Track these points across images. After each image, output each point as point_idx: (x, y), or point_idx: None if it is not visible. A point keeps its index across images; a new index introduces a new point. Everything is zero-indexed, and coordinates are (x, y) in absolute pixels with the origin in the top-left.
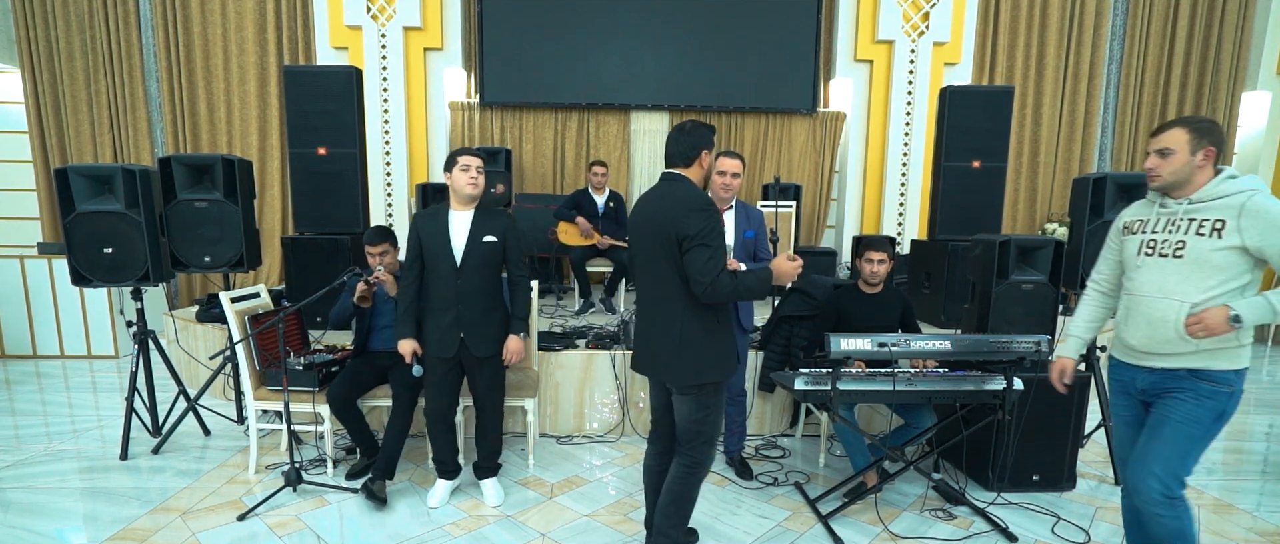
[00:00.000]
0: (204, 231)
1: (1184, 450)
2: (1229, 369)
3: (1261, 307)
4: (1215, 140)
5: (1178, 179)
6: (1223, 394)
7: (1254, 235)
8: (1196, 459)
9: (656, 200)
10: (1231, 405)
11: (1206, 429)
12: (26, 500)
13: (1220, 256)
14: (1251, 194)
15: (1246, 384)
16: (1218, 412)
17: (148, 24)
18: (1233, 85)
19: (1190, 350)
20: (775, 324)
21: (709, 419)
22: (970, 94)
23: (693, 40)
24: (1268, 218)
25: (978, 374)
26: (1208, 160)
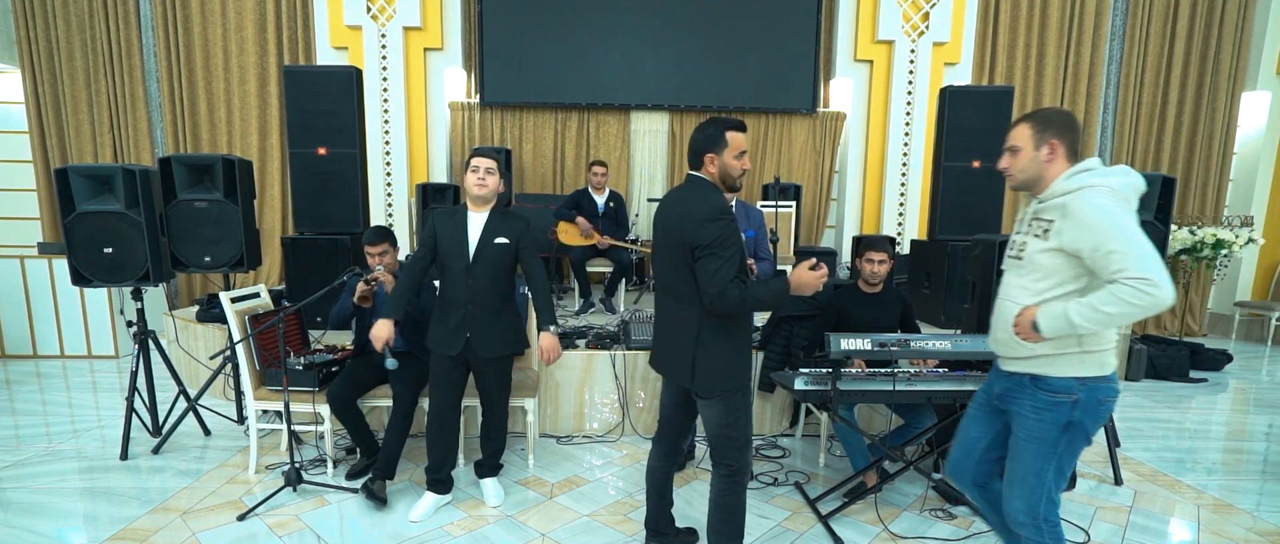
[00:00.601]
0: (204, 231)
1: (1037, 470)
2: (1068, 376)
3: (1058, 317)
4: (1061, 132)
5: (1028, 177)
6: (1063, 404)
7: (1068, 236)
8: (1057, 474)
9: (675, 204)
10: (1081, 415)
11: (1054, 444)
12: (26, 500)
13: (1044, 258)
14: (1078, 192)
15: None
16: (1061, 422)
17: (148, 24)
18: (1233, 85)
19: (1027, 355)
20: (775, 324)
21: (739, 424)
22: (970, 94)
23: (693, 40)
24: (1079, 218)
25: (978, 374)
26: (1055, 154)
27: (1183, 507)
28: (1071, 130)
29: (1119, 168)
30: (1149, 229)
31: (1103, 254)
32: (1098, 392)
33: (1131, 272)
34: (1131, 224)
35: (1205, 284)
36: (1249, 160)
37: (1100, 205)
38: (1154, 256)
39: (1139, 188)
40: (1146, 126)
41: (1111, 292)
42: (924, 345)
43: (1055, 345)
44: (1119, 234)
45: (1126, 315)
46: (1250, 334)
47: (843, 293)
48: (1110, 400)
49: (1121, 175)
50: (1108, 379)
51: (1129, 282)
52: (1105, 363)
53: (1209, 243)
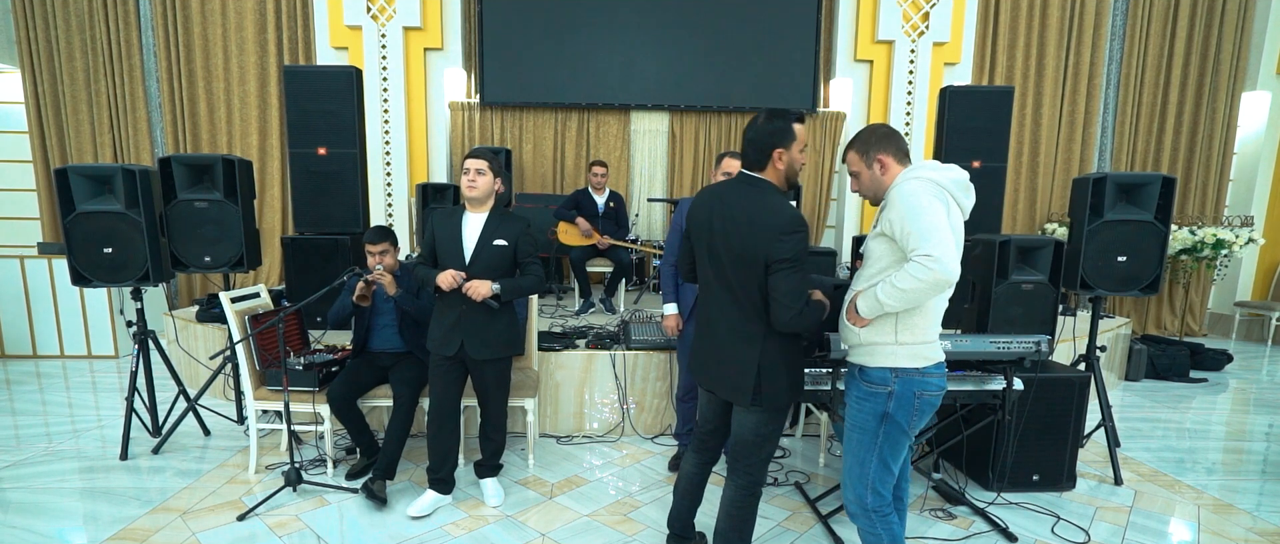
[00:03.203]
0: (204, 231)
1: (861, 459)
2: (883, 366)
3: (869, 297)
4: (885, 146)
5: (874, 192)
6: (878, 395)
7: (888, 222)
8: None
9: (742, 206)
10: (894, 407)
11: (873, 434)
12: (26, 500)
13: (875, 245)
14: (900, 182)
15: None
16: (877, 413)
17: (148, 24)
18: (1233, 85)
19: (855, 343)
20: None
21: (771, 438)
22: (970, 94)
23: (693, 40)
24: (898, 203)
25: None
26: (886, 167)
27: (1183, 507)
28: (893, 140)
29: (947, 165)
30: (1149, 229)
31: (904, 234)
32: (912, 385)
33: (920, 248)
34: (933, 208)
35: (1205, 284)
36: (1249, 160)
37: (911, 191)
38: (942, 235)
39: (960, 181)
40: (1146, 126)
41: (905, 268)
42: None
43: (875, 334)
44: (918, 215)
45: (917, 290)
46: (1250, 334)
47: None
48: (928, 395)
49: (943, 170)
50: (924, 372)
51: (917, 257)
52: (920, 355)
53: (1209, 243)
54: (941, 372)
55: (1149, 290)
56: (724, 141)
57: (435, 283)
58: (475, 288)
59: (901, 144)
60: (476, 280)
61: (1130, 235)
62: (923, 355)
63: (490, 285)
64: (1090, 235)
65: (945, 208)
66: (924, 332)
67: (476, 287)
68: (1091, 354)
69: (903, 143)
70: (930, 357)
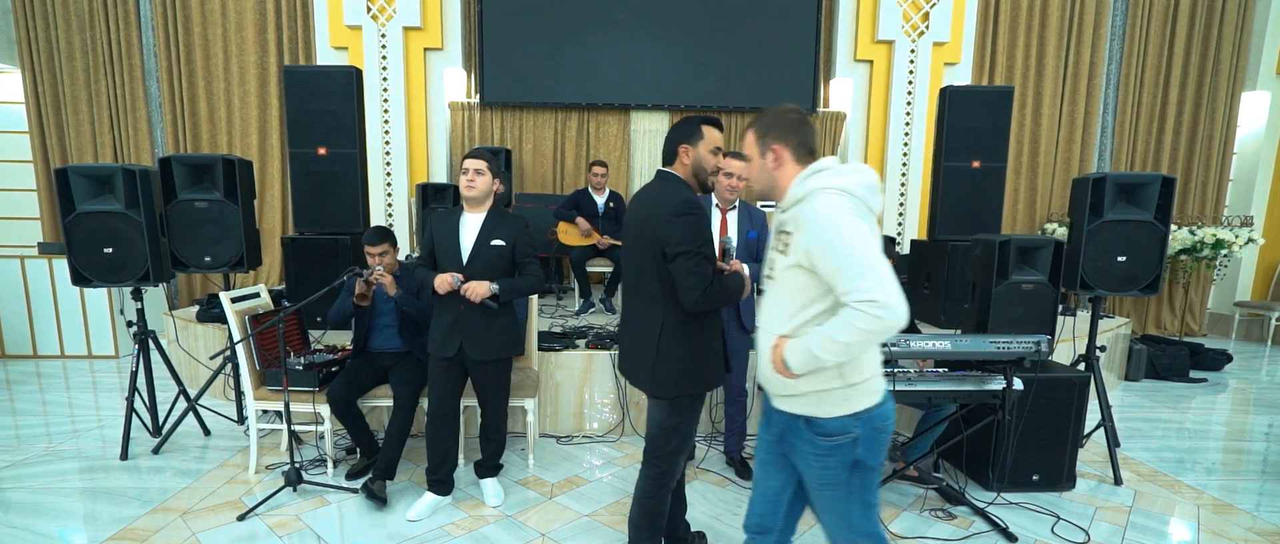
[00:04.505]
0: (204, 231)
1: (841, 513)
2: (839, 415)
3: (803, 351)
4: (784, 134)
5: (763, 186)
6: (842, 446)
7: (804, 250)
8: (862, 509)
9: (645, 202)
10: (864, 452)
11: (847, 484)
12: (26, 500)
13: (789, 277)
14: (808, 198)
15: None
16: (848, 462)
17: (148, 24)
18: (1233, 85)
19: (792, 392)
20: None
21: (681, 429)
22: (970, 94)
23: (693, 40)
24: (809, 228)
25: (978, 374)
26: (781, 159)
27: (1183, 507)
28: (796, 129)
29: (852, 166)
30: (1149, 229)
31: (830, 271)
32: (874, 420)
33: (859, 293)
34: (859, 233)
35: (1205, 284)
36: (1249, 160)
37: (827, 213)
38: (880, 270)
39: (871, 185)
40: (1146, 126)
41: (844, 317)
42: (924, 345)
43: (818, 382)
44: (845, 247)
45: (862, 344)
46: (1250, 334)
47: None
48: (888, 425)
49: (852, 173)
50: (881, 405)
51: (858, 305)
52: (873, 390)
53: (1209, 243)
54: (888, 397)
55: (1149, 290)
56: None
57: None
58: (473, 289)
59: (807, 138)
60: (474, 281)
61: (1130, 235)
62: (875, 389)
63: (488, 286)
64: (1090, 235)
65: (869, 226)
66: (871, 365)
67: (474, 288)
68: (1091, 354)
69: (810, 137)
70: (880, 388)
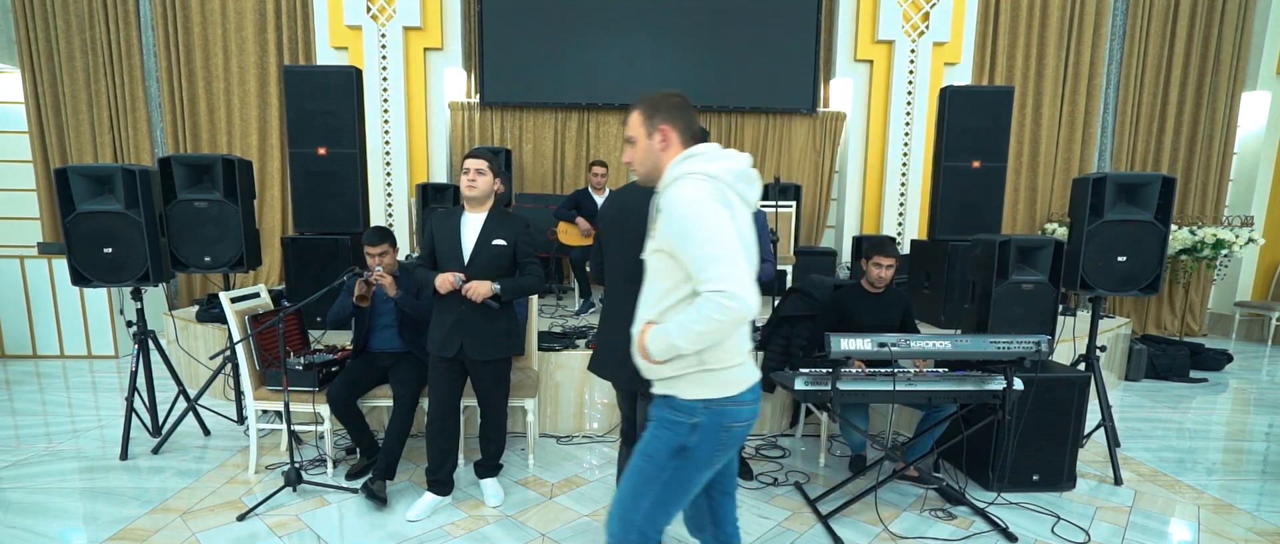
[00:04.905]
0: (204, 231)
1: (637, 488)
2: (692, 398)
3: (661, 338)
4: (671, 115)
5: (646, 168)
6: (682, 426)
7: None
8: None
9: (632, 198)
10: (699, 441)
11: (662, 465)
12: (26, 500)
13: (655, 261)
14: (674, 183)
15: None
16: (675, 445)
17: (148, 24)
18: (1233, 85)
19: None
20: (775, 324)
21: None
22: (970, 94)
23: (693, 40)
24: (670, 213)
25: (978, 374)
26: (669, 141)
27: (1183, 507)
28: (683, 113)
29: (726, 152)
30: (1149, 229)
31: (688, 258)
32: (722, 416)
33: (710, 282)
34: (716, 222)
35: (1205, 284)
36: (1249, 160)
37: (688, 198)
38: (732, 260)
39: (740, 171)
40: (1146, 126)
41: (698, 307)
42: (924, 345)
43: (679, 365)
44: (699, 233)
45: (715, 333)
46: (1250, 334)
47: (844, 292)
48: (738, 426)
49: (721, 159)
50: (736, 401)
51: (709, 294)
52: (731, 382)
53: (1209, 243)
54: (755, 398)
55: (1149, 290)
56: (724, 141)
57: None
58: (475, 289)
59: (692, 121)
60: (476, 281)
61: (1130, 235)
62: (734, 381)
63: (490, 286)
64: (1090, 235)
65: (730, 211)
66: (733, 354)
67: (476, 287)
68: (1091, 354)
69: (694, 121)
70: (742, 381)
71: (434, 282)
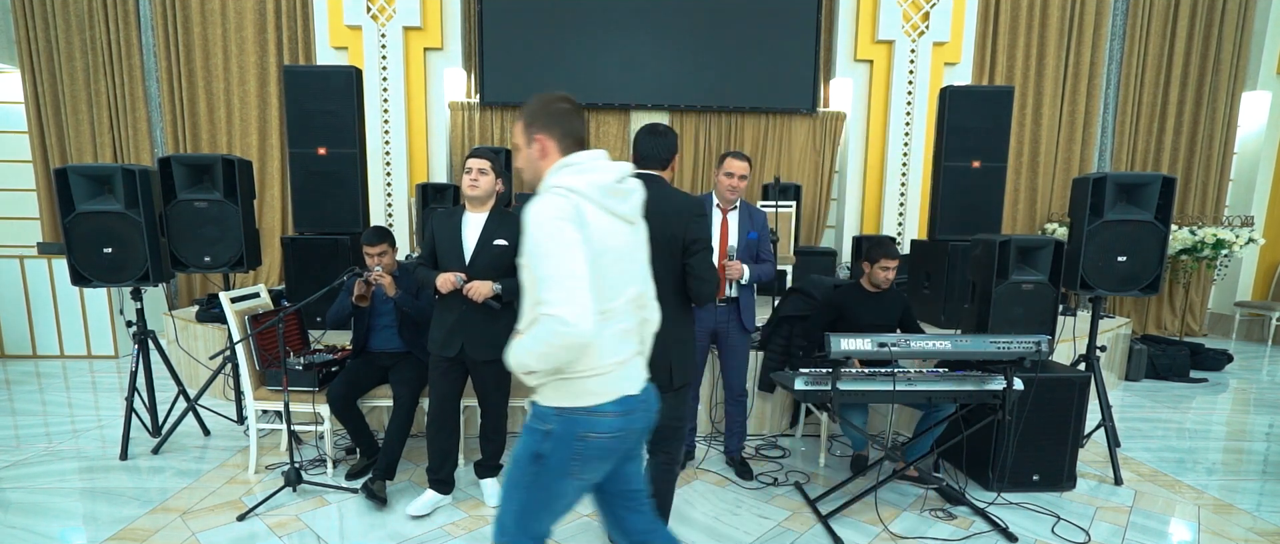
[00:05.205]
0: (204, 231)
1: (506, 491)
2: (547, 405)
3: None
4: (547, 123)
5: (530, 178)
6: (537, 432)
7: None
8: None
9: (657, 200)
10: (549, 449)
11: (522, 470)
12: (26, 500)
13: (523, 274)
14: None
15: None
16: (532, 451)
17: (148, 24)
18: (1233, 85)
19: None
20: (775, 324)
21: (689, 412)
22: (970, 94)
23: (693, 40)
24: (525, 225)
25: (978, 374)
26: (546, 150)
27: (1183, 507)
28: (563, 119)
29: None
30: (1149, 229)
31: (533, 278)
32: (576, 425)
33: (545, 305)
34: (559, 243)
35: (1205, 284)
36: (1249, 160)
37: (540, 216)
38: (569, 284)
39: (611, 189)
40: (1146, 126)
41: (535, 329)
42: (924, 345)
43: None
44: (541, 254)
45: (552, 356)
46: (1250, 334)
47: (844, 292)
48: (597, 438)
49: (589, 172)
50: (593, 411)
51: (544, 317)
52: (588, 392)
53: (1209, 243)
54: (623, 410)
55: (1149, 290)
56: (724, 141)
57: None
58: (476, 289)
59: (575, 128)
60: (478, 282)
61: (1130, 235)
62: (592, 391)
63: (491, 286)
64: (1090, 235)
65: (581, 231)
66: (592, 365)
67: (478, 287)
68: (1091, 354)
69: (578, 127)
70: (602, 393)
71: (435, 281)
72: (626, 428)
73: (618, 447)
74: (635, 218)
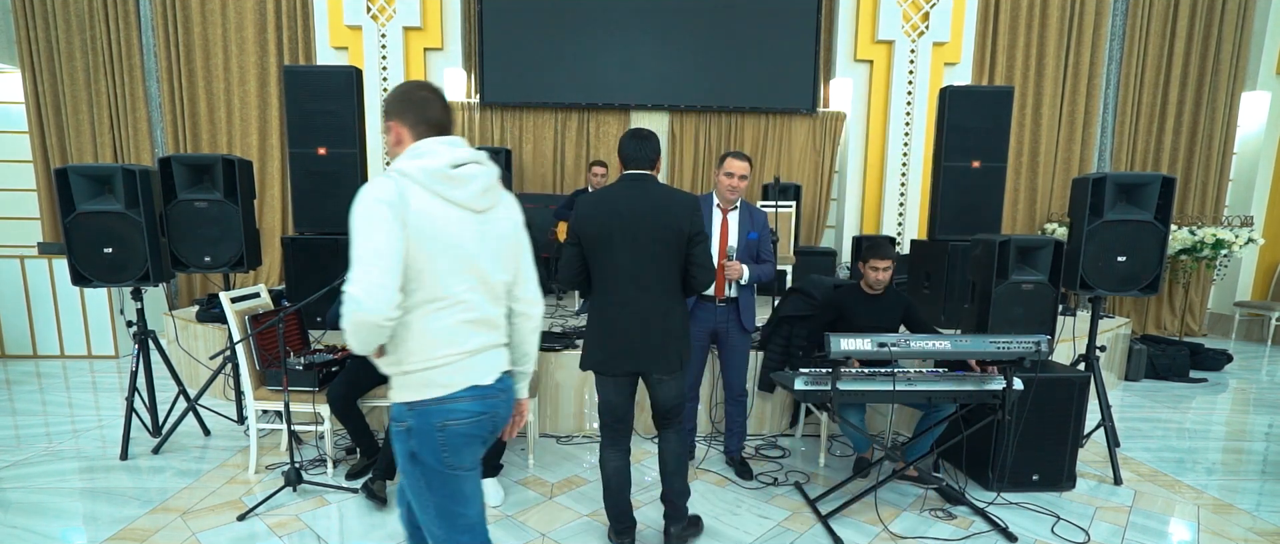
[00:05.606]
0: (204, 231)
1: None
2: (399, 402)
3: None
4: (400, 110)
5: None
6: (401, 433)
7: None
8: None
9: (655, 198)
10: (416, 445)
11: (411, 475)
12: (26, 500)
13: None
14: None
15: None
16: (406, 453)
17: (148, 24)
18: (1233, 85)
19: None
20: (775, 324)
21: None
22: (970, 94)
23: (693, 40)
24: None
25: (978, 374)
26: (401, 139)
27: (1183, 507)
28: (417, 107)
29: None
30: (1149, 229)
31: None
32: (431, 417)
33: (347, 283)
34: (372, 224)
35: (1205, 284)
36: (1249, 160)
37: (361, 197)
38: (368, 264)
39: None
40: (1146, 126)
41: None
42: (924, 345)
43: (384, 366)
44: (354, 235)
45: (354, 333)
46: (1250, 334)
47: (844, 292)
48: (456, 424)
49: (426, 157)
50: (442, 400)
51: (345, 295)
52: (435, 383)
53: (1209, 243)
54: (476, 394)
55: (1149, 290)
56: (724, 141)
57: None
58: None
59: (430, 115)
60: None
61: (1130, 235)
62: (438, 383)
63: None
64: (1090, 235)
65: (397, 214)
66: (427, 356)
67: None
68: (1091, 354)
69: (433, 113)
70: (449, 384)
71: None
72: (484, 411)
73: (480, 431)
74: (482, 206)
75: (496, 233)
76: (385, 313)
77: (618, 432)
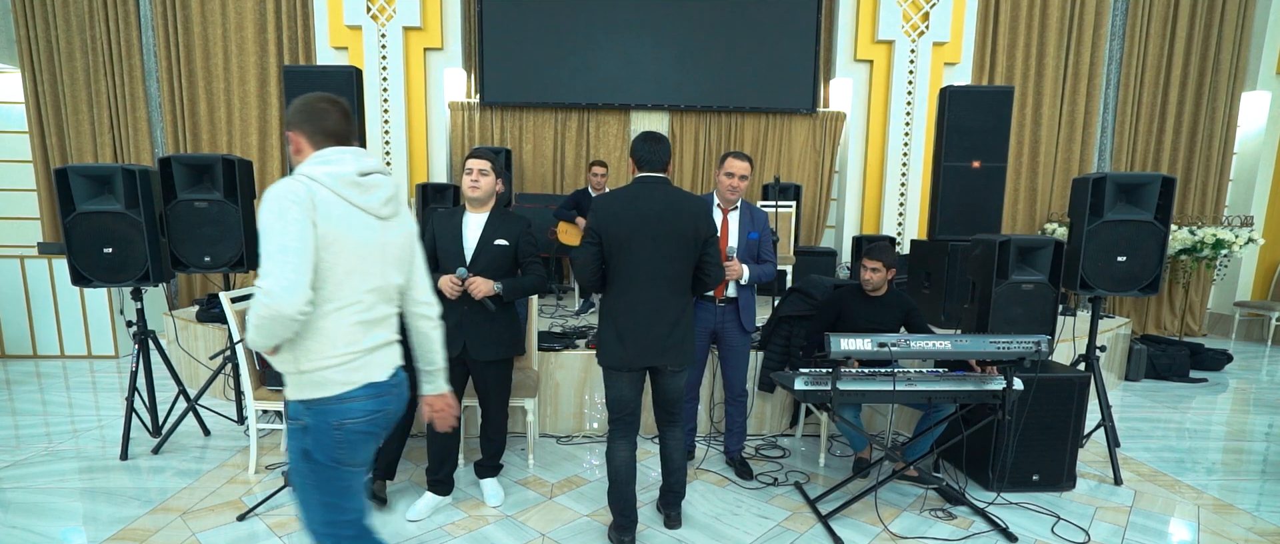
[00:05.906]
0: (204, 231)
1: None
2: (293, 399)
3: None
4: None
5: None
6: (296, 431)
7: None
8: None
9: (664, 199)
10: (311, 443)
11: (304, 472)
12: (26, 500)
13: None
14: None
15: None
16: (300, 450)
17: (148, 24)
18: (1233, 85)
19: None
20: (775, 324)
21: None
22: (970, 94)
23: (693, 40)
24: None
25: (978, 374)
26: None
27: (1183, 507)
28: (314, 116)
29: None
30: (1149, 229)
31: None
32: (327, 415)
33: (259, 278)
34: (284, 223)
35: (1205, 284)
36: (1249, 160)
37: (269, 196)
38: (279, 260)
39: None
40: (1146, 126)
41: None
42: (924, 345)
43: (279, 363)
44: (265, 232)
45: (263, 328)
46: (1250, 334)
47: (844, 292)
48: (352, 422)
49: (331, 164)
50: (340, 399)
51: (256, 289)
52: (330, 382)
53: (1209, 243)
54: (372, 392)
55: (1149, 290)
56: (724, 141)
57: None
58: (477, 286)
59: (328, 125)
60: (479, 278)
61: (1130, 235)
62: (334, 382)
63: (492, 285)
64: (1090, 235)
65: (306, 214)
66: (323, 355)
67: (479, 285)
68: (1091, 354)
69: (331, 123)
70: (344, 382)
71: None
72: (379, 409)
73: (375, 429)
74: (387, 212)
75: (396, 240)
76: (298, 307)
77: (629, 424)
